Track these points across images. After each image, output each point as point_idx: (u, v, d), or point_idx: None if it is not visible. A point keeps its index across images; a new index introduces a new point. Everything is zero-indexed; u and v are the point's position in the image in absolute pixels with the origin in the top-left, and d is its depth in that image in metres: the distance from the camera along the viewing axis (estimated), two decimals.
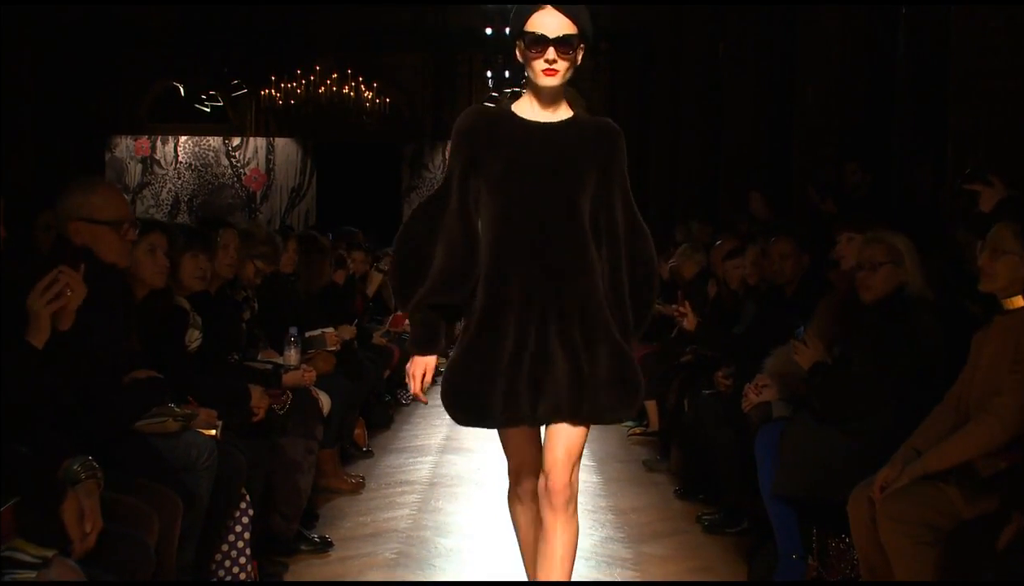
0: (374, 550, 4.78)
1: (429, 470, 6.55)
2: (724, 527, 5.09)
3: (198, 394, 3.83)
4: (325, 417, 5.16)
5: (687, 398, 5.91)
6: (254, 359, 4.97)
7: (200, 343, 4.16)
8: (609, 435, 7.93)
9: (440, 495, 5.89)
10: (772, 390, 4.52)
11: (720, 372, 5.44)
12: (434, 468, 6.61)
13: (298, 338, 4.99)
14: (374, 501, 5.72)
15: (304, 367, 4.96)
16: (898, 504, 3.19)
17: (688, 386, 6.01)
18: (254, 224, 5.84)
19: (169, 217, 18.55)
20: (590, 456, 7.08)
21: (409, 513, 5.46)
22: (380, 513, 5.45)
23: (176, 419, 3.54)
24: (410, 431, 7.96)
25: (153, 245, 3.81)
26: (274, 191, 19.13)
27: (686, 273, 7.44)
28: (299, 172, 19.12)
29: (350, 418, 6.48)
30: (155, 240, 3.82)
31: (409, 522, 5.29)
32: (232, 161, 19.10)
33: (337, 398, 5.53)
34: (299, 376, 4.86)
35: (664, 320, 7.51)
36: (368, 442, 7.08)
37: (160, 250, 3.84)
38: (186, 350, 4.06)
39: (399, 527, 5.19)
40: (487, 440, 7.60)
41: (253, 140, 19.13)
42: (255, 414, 4.23)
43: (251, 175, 19.13)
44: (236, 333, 4.81)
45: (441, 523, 5.28)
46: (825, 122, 8.01)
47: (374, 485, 6.09)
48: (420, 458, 6.93)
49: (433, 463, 6.77)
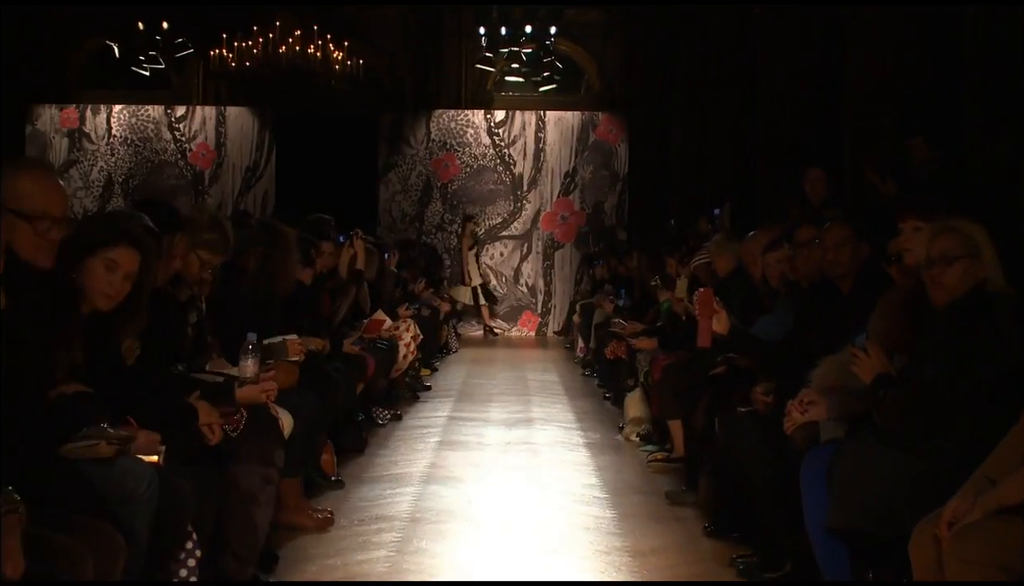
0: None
1: (410, 503, 6.55)
2: (763, 570, 5.09)
3: (136, 413, 3.82)
4: (286, 440, 5.16)
5: (718, 417, 5.91)
6: (202, 370, 4.97)
7: (139, 353, 4.15)
8: (625, 461, 7.93)
9: (424, 533, 5.88)
10: (820, 407, 4.52)
11: (758, 386, 5.44)
12: (416, 501, 6.61)
13: (256, 346, 4.98)
14: (345, 540, 5.71)
15: (262, 380, 4.96)
16: (968, 542, 3.19)
17: (719, 403, 6.01)
18: (197, 208, 5.81)
19: (101, 201, 18.56)
20: (602, 486, 7.08)
21: (386, 555, 5.46)
22: (352, 555, 5.45)
23: (110, 442, 3.53)
24: (388, 457, 7.95)
25: (114, 263, 3.75)
26: (225, 170, 19.13)
27: (720, 269, 7.43)
28: (255, 148, 19.12)
29: (316, 441, 6.47)
30: (120, 258, 3.74)
31: (386, 565, 5.28)
32: (175, 134, 19.09)
33: (301, 417, 5.53)
34: (256, 391, 4.86)
35: (692, 326, 7.51)
36: (338, 470, 7.08)
37: (122, 272, 3.76)
38: (122, 361, 4.05)
39: (374, 571, 5.19)
40: (479, 468, 7.63)
41: (200, 109, 19.13)
42: (204, 436, 4.23)
43: (198, 151, 19.12)
44: (180, 340, 4.80)
45: (425, 567, 5.28)
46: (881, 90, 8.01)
47: (345, 521, 6.08)
48: (400, 489, 6.93)
49: (415, 495, 6.77)
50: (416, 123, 18.83)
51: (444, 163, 18.83)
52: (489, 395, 11.31)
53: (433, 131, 18.79)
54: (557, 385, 12.27)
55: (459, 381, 12.45)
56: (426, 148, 18.81)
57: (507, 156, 18.84)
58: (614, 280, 13.75)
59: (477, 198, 18.84)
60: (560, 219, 18.88)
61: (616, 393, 10.36)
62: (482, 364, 14.41)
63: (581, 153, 18.84)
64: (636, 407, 8.72)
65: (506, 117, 18.88)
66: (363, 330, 8.68)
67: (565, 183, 18.87)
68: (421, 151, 18.81)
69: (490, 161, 18.85)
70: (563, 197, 18.88)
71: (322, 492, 6.66)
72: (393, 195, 18.82)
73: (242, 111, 19.09)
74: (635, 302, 11.23)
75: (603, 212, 18.88)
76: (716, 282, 7.29)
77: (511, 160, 18.85)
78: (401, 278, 12.07)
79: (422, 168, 18.82)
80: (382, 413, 9.15)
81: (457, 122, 18.85)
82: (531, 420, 9.73)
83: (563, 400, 11.05)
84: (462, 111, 18.94)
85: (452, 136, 18.82)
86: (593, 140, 18.85)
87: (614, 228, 18.81)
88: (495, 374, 13.24)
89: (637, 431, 8.63)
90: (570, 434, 9.06)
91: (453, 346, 15.80)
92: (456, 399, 10.98)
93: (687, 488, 6.75)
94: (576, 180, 18.87)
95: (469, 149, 18.84)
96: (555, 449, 8.40)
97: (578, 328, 14.93)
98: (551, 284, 18.87)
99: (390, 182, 18.82)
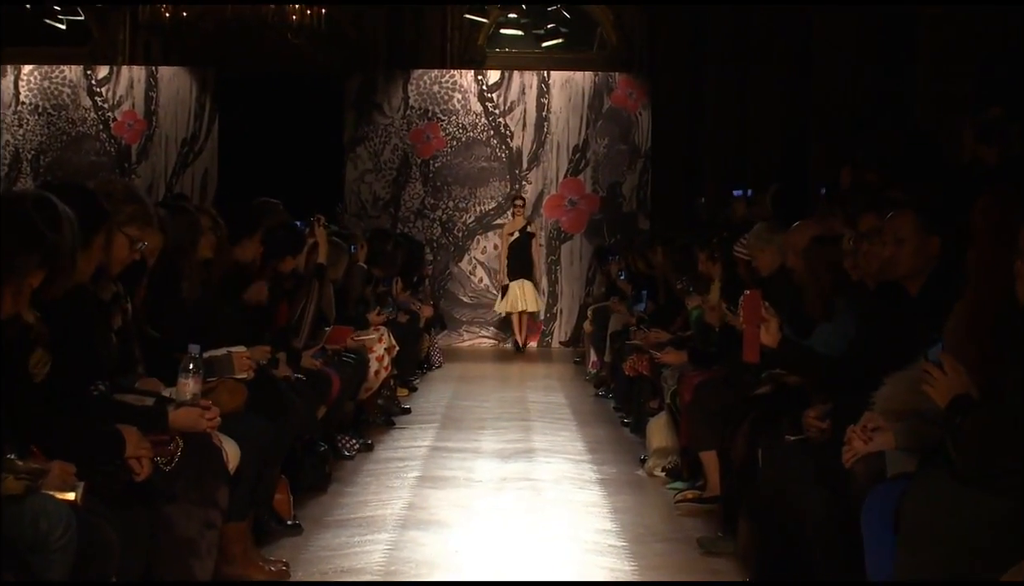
0: None
1: (384, 554, 6.55)
2: None
3: (48, 441, 3.82)
4: (232, 476, 5.16)
5: (762, 447, 5.91)
6: (129, 389, 4.96)
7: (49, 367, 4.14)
8: (648, 502, 7.93)
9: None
10: (887, 435, 4.52)
11: (811, 410, 5.44)
12: (391, 551, 6.61)
13: (199, 361, 4.98)
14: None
15: (203, 402, 4.95)
16: None
17: (764, 430, 6.01)
18: (105, 180, 5.69)
19: (6, 182, 18.54)
20: (620, 533, 7.08)
21: None
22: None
23: (18, 477, 3.53)
24: (356, 496, 7.95)
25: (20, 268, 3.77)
26: (156, 144, 19.13)
27: (763, 266, 7.43)
28: (193, 117, 19.13)
29: (268, 477, 6.47)
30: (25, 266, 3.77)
31: None
32: (97, 101, 19.10)
33: (250, 448, 5.52)
34: (195, 416, 4.85)
35: (728, 334, 7.51)
36: (295, 512, 7.07)
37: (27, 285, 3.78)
38: (30, 379, 4.04)
39: None
40: (468, 510, 7.63)
41: (128, 70, 19.14)
42: (131, 470, 4.22)
43: (123, 121, 19.13)
44: (102, 350, 4.79)
45: None
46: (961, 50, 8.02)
47: (303, 575, 6.06)
48: (371, 536, 6.92)
49: (390, 544, 6.77)
50: (390, 86, 18.86)
51: (425, 135, 18.84)
52: (480, 420, 11.31)
53: (412, 96, 18.80)
54: (564, 408, 12.27)
55: (443, 403, 12.45)
56: (403, 117, 18.82)
57: (502, 127, 18.86)
58: (634, 279, 13.76)
59: (465, 178, 18.87)
60: (568, 204, 18.91)
61: (637, 418, 10.35)
62: (472, 382, 14.41)
63: (594, 123, 18.86)
64: (661, 435, 8.72)
65: (501, 79, 18.90)
66: (325, 340, 8.67)
67: (574, 160, 18.90)
68: (397, 121, 18.82)
69: (482, 133, 18.87)
70: (571, 177, 18.91)
71: (276, 539, 6.64)
72: (363, 175, 18.83)
73: (178, 72, 19.10)
74: (660, 306, 11.23)
75: (620, 195, 18.91)
76: (758, 282, 7.29)
77: (507, 132, 18.87)
78: (372, 276, 12.07)
79: (398, 142, 18.83)
80: (349, 442, 9.14)
81: (441, 85, 18.88)
82: (532, 451, 9.73)
83: (571, 426, 11.05)
84: (447, 71, 18.97)
85: (435, 102, 18.84)
86: (608, 107, 18.88)
87: (634, 215, 18.84)
88: (488, 395, 13.24)
89: (662, 465, 8.63)
90: (580, 468, 9.06)
91: (436, 360, 15.81)
92: (440, 425, 10.98)
93: (723, 534, 6.74)
94: (587, 156, 18.89)
95: (456, 118, 18.85)
96: (561, 487, 8.40)
97: (590, 338, 14.92)
98: (557, 284, 18.89)
99: (359, 159, 18.83)
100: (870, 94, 10.34)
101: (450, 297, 18.80)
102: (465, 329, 18.84)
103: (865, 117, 10.06)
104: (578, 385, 14.20)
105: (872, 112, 10.15)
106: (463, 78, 18.89)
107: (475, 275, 18.89)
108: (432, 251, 18.57)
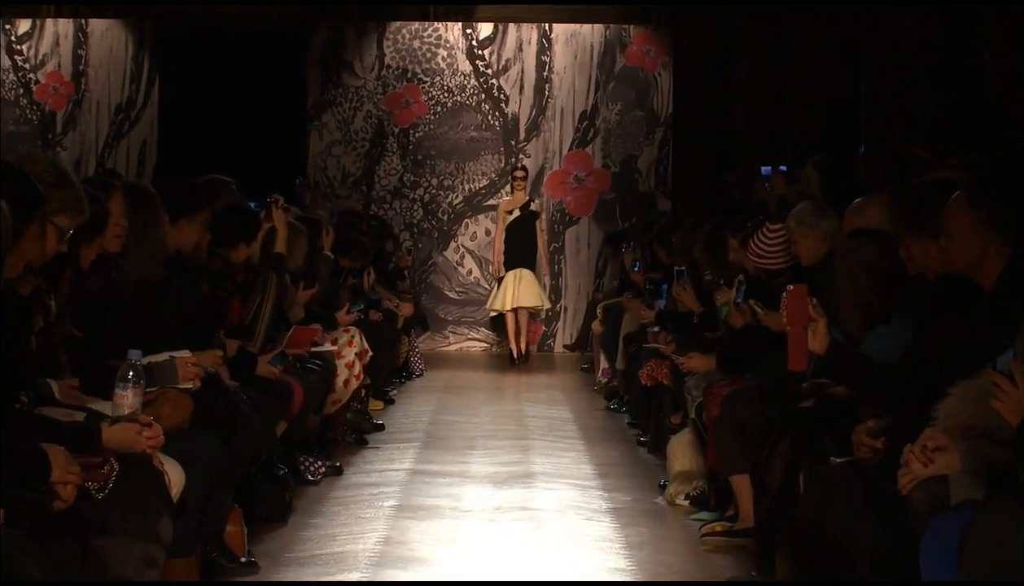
0: None
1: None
2: None
3: None
4: (176, 504, 5.16)
5: (804, 471, 5.93)
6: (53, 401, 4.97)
7: None
8: (668, 536, 7.95)
9: None
10: (951, 457, 4.54)
11: (862, 426, 5.46)
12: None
13: (140, 368, 4.99)
14: None
15: (143, 418, 4.96)
16: None
17: (806, 450, 6.03)
18: (27, 157, 5.67)
19: None
20: (636, 571, 7.11)
21: None
22: None
23: None
24: (322, 529, 7.97)
25: None
26: (86, 112, 19.12)
27: (806, 256, 7.44)
28: (129, 79, 19.12)
29: (219, 506, 6.48)
30: None
31: None
32: (16, 61, 19.09)
33: (197, 471, 5.54)
34: (133, 433, 4.86)
35: (761, 335, 7.52)
36: (250, 547, 7.09)
37: None
38: None
39: None
40: (455, 546, 7.64)
41: (52, 24, 19.12)
42: (58, 498, 4.24)
43: (47, 84, 19.12)
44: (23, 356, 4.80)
45: None
46: None
47: None
48: (340, 575, 6.94)
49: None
50: (363, 42, 18.86)
51: (404, 100, 18.84)
52: (469, 439, 11.33)
53: (388, 53, 18.80)
54: (569, 424, 12.29)
55: (425, 419, 12.46)
56: (378, 78, 18.82)
57: (496, 90, 18.87)
58: (652, 270, 13.76)
59: (452, 151, 18.87)
60: (573, 181, 18.92)
61: (655, 436, 10.37)
62: (459, 393, 14.42)
63: (604, 85, 18.87)
64: (684, 456, 8.74)
65: (495, 33, 18.91)
66: (285, 343, 8.68)
67: (581, 129, 18.91)
68: (371, 82, 18.82)
69: (471, 97, 18.87)
70: (578, 150, 18.92)
71: (228, 578, 6.65)
72: (329, 147, 18.83)
73: (111, 26, 19.10)
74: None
75: (636, 171, 18.92)
76: (800, 275, 7.30)
77: (502, 96, 18.88)
78: (341, 267, 12.09)
79: (371, 107, 18.83)
80: (313, 465, 9.15)
81: (423, 40, 18.88)
82: (531, 476, 9.75)
83: (578, 446, 11.07)
84: (430, 24, 18.96)
85: (416, 60, 18.84)
86: (622, 66, 18.88)
87: (651, 194, 18.85)
88: (478, 408, 13.25)
89: (686, 491, 8.65)
90: (588, 496, 9.08)
91: (417, 368, 15.80)
92: (421, 445, 10.99)
93: (758, 573, 6.77)
94: (597, 125, 18.90)
95: (441, 79, 18.86)
96: (566, 518, 8.42)
97: (599, 341, 14.92)
98: (560, 276, 18.90)
99: (325, 128, 18.83)
100: (938, 52, 10.32)
101: (434, 292, 18.79)
102: (452, 330, 18.85)
103: (924, 78, 10.04)
104: (585, 397, 14.21)
105: (934, 73, 10.14)
106: (449, 32, 18.90)
107: (463, 266, 18.88)
108: (412, 237, 18.57)
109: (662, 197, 18.73)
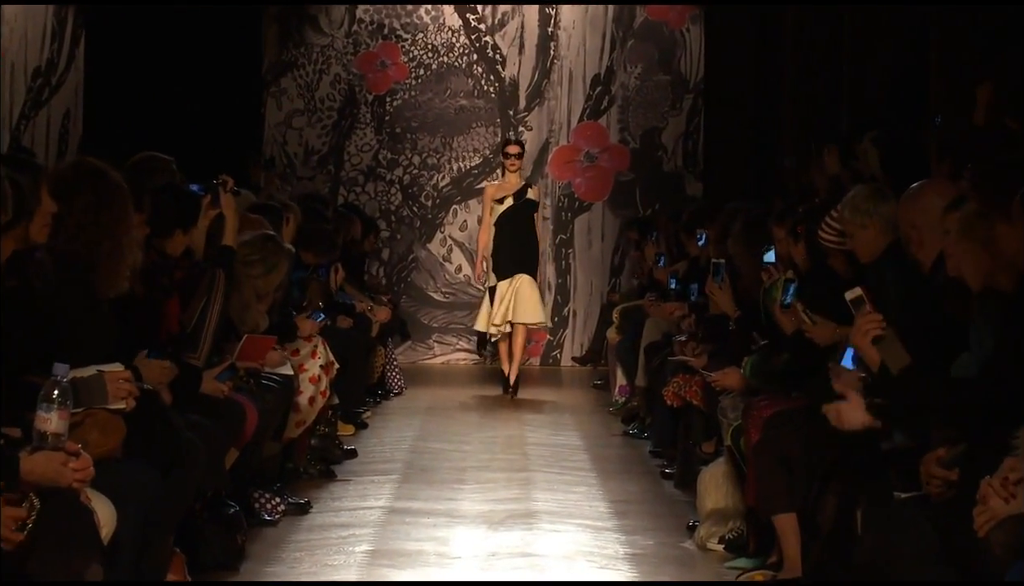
0: None
1: None
2: None
3: None
4: (106, 546, 5.17)
5: (861, 508, 5.95)
6: None
7: None
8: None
9: None
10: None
11: (932, 455, 5.47)
12: None
13: (67, 386, 4.99)
14: None
15: (69, 446, 4.97)
16: None
17: (864, 483, 6.05)
18: None
19: None
20: None
21: None
22: None
23: None
24: (281, 578, 8.00)
25: None
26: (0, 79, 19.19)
27: (863, 250, 7.45)
28: (49, 39, 19.16)
29: (157, 549, 6.50)
30: None
31: None
32: None
33: (131, 508, 5.56)
34: (57, 464, 4.88)
35: (808, 346, 7.53)
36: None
37: None
38: None
39: None
40: None
41: None
42: None
43: None
44: None
45: None
46: None
47: None
48: None
49: None
50: None
51: (379, 61, 18.88)
52: (459, 470, 11.36)
53: (360, 5, 18.82)
54: (579, 452, 12.33)
55: (405, 446, 12.49)
56: (348, 36, 18.86)
57: (491, 49, 18.90)
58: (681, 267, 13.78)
59: (437, 123, 18.91)
60: (584, 159, 18.96)
61: (683, 467, 10.40)
62: (445, 416, 14.45)
63: (621, 44, 18.91)
64: (718, 492, 8.76)
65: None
66: (236, 355, 8.69)
67: (593, 97, 18.94)
68: (339, 41, 18.86)
69: (460, 58, 18.91)
70: (589, 121, 18.96)
71: None
72: (289, 118, 18.88)
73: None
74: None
75: (659, 147, 18.95)
76: (858, 274, 7.32)
77: (498, 56, 18.91)
78: (303, 264, 12.10)
79: (340, 70, 18.87)
80: (270, 501, 9.17)
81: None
82: (533, 514, 9.78)
83: (589, 478, 11.11)
84: None
85: (394, 13, 18.89)
86: (642, 21, 18.92)
87: (679, 175, 18.88)
88: (468, 433, 13.28)
89: (720, 533, 8.68)
90: (602, 540, 9.11)
91: (395, 384, 15.81)
92: (401, 478, 11.03)
93: None
94: (613, 92, 18.94)
95: (423, 37, 18.90)
96: (576, 566, 8.46)
97: (615, 352, 14.95)
98: (569, 273, 18.93)
99: (284, 95, 18.88)
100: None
101: (415, 293, 18.82)
102: (437, 340, 18.89)
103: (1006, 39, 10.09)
104: (599, 419, 14.25)
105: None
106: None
107: (451, 261, 18.92)
108: (389, 227, 18.60)
109: (691, 178, 18.75)
